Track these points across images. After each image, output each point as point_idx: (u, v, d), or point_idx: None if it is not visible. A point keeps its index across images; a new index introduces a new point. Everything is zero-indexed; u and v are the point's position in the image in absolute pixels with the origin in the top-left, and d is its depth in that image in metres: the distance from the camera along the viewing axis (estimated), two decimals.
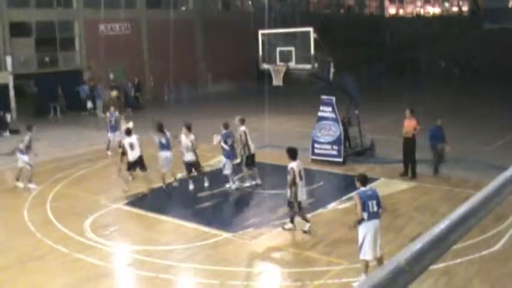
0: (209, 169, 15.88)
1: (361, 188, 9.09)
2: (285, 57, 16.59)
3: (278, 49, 16.80)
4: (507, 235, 10.82)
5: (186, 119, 15.88)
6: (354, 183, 9.39)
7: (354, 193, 9.58)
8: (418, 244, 1.40)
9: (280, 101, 26.18)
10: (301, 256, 10.45)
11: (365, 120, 18.79)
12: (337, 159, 17.03)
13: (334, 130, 17.09)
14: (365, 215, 8.72)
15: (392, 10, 67.69)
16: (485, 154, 17.69)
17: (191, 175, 14.99)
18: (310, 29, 16.08)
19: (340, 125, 17.05)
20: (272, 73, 16.83)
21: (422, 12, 72.01)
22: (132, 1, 35.68)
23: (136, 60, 34.35)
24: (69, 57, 32.95)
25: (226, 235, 11.44)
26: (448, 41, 49.53)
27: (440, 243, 1.44)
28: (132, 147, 14.59)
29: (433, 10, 73.26)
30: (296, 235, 11.37)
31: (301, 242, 11.07)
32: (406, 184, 14.87)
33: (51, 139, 22.58)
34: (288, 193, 11.22)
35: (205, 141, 15.69)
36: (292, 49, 16.57)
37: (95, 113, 29.76)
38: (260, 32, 17.68)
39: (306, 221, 11.42)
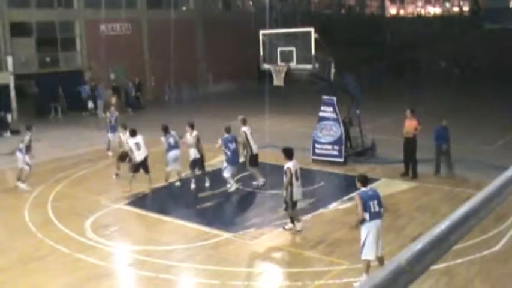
0: (210, 169, 15.88)
1: (361, 189, 9.09)
2: (286, 57, 16.60)
3: (279, 49, 16.82)
4: (508, 235, 10.82)
5: (187, 119, 15.89)
6: (355, 183, 9.39)
7: (355, 193, 9.57)
8: (419, 244, 1.40)
9: (281, 101, 26.20)
10: (302, 256, 10.45)
11: (366, 120, 18.79)
12: (338, 159, 17.04)
13: (335, 130, 17.09)
14: (367, 216, 8.72)
15: (393, 10, 67.68)
16: (485, 154, 17.67)
17: (195, 174, 15.02)
18: (311, 29, 16.10)
19: (341, 125, 17.06)
20: (273, 73, 16.85)
21: (423, 12, 71.98)
22: (133, 1, 35.68)
23: (137, 60, 34.36)
24: (70, 57, 32.97)
25: (227, 235, 11.44)
26: (449, 41, 49.50)
27: (441, 243, 1.44)
28: (139, 147, 14.58)
29: (434, 10, 73.23)
30: (297, 235, 11.38)
31: (302, 242, 11.07)
32: (407, 184, 14.86)
33: (52, 139, 22.60)
34: (284, 193, 11.22)
35: (205, 141, 15.67)
36: (293, 49, 16.59)
37: (96, 113, 29.78)
38: (261, 32, 17.67)
39: (298, 222, 11.44)
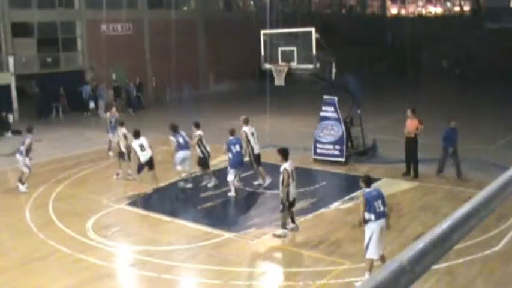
0: (211, 169, 15.86)
1: (365, 189, 9.16)
2: (287, 57, 16.60)
3: (280, 49, 16.81)
4: (509, 235, 10.80)
5: (188, 119, 15.90)
6: (356, 183, 9.41)
7: (358, 192, 9.59)
8: (420, 244, 1.39)
9: (282, 101, 26.17)
10: (303, 256, 10.45)
11: (367, 120, 18.78)
12: (339, 159, 17.04)
13: (336, 130, 17.09)
14: (372, 216, 8.79)
15: (394, 10, 67.58)
16: (487, 153, 17.64)
17: (205, 172, 15.18)
18: (312, 29, 16.11)
19: (342, 125, 17.06)
20: (274, 73, 16.84)
21: (424, 12, 71.87)
22: (134, 1, 35.69)
23: (138, 60, 34.36)
24: (71, 57, 33.01)
25: (228, 235, 11.44)
26: (450, 41, 49.42)
27: (442, 243, 1.43)
28: (143, 148, 14.63)
29: (435, 10, 73.11)
30: (298, 235, 11.37)
31: (303, 242, 11.07)
32: (408, 184, 14.85)
33: (53, 139, 22.61)
34: (281, 194, 11.19)
35: (207, 141, 15.65)
36: (294, 49, 16.58)
37: (97, 113, 29.81)
38: (262, 32, 17.66)
39: (284, 227, 11.30)
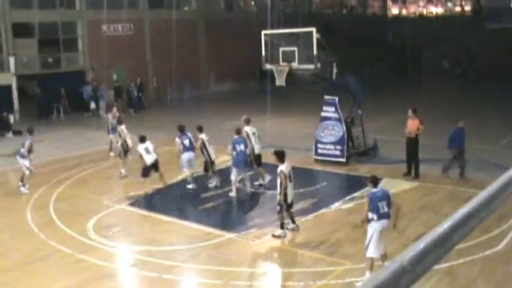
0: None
1: (372, 190, 9.23)
2: (288, 57, 16.60)
3: (281, 49, 16.82)
4: (510, 235, 10.80)
5: (188, 120, 15.90)
6: (357, 183, 9.45)
7: (359, 193, 9.59)
8: (421, 244, 1.39)
9: (282, 101, 26.17)
10: (304, 256, 10.45)
11: (368, 120, 18.77)
12: (340, 159, 17.03)
13: (337, 130, 17.09)
14: (374, 216, 8.89)
15: (395, 10, 67.54)
16: (488, 153, 17.63)
17: (209, 173, 15.23)
18: (312, 29, 16.10)
19: (343, 125, 17.05)
20: (275, 73, 16.84)
21: (424, 12, 71.82)
22: (135, 1, 35.68)
23: (139, 60, 34.35)
24: (72, 58, 33.01)
25: (229, 235, 11.44)
26: (451, 41, 49.40)
27: (443, 243, 1.43)
28: (148, 151, 14.64)
29: (436, 10, 73.07)
30: (299, 235, 11.37)
31: (304, 242, 11.06)
32: (409, 184, 14.84)
33: (54, 140, 22.62)
34: (278, 197, 11.17)
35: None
36: (295, 49, 16.59)
37: (98, 114, 29.81)
38: (263, 32, 17.66)
39: (289, 225, 11.39)
